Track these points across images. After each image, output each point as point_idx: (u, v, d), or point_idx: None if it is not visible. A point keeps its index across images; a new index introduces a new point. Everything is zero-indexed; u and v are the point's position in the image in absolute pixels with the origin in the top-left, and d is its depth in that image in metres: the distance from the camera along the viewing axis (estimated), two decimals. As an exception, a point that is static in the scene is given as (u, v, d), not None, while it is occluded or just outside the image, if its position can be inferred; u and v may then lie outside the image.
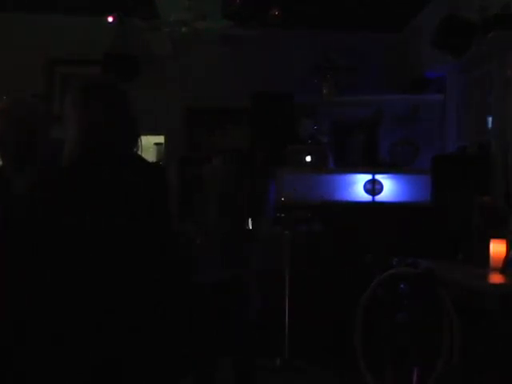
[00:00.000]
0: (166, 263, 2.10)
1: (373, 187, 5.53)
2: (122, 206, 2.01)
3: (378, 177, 5.56)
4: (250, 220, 5.96)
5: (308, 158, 6.02)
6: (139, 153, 2.19)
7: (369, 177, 5.56)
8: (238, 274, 3.92)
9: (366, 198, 5.54)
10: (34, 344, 1.96)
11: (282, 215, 5.41)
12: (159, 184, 2.14)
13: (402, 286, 3.60)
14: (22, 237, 1.98)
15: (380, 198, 5.54)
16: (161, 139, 6.95)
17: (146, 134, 3.35)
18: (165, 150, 6.87)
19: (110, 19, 5.91)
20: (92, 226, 1.96)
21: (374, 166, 5.89)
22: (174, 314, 2.13)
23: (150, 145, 7.06)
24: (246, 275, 4.04)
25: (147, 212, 2.04)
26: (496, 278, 3.34)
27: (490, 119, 5.08)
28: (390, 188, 5.56)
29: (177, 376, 3.29)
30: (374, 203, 5.52)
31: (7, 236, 2.05)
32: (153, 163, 2.27)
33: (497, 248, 3.46)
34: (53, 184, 2.05)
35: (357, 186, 5.56)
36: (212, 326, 3.91)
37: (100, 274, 1.96)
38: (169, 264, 2.12)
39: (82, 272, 1.95)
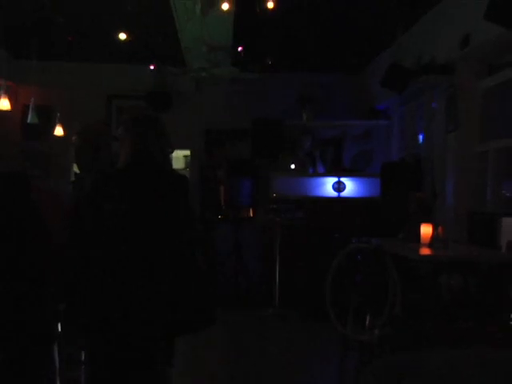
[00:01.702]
0: (185, 256, 2.02)
1: (339, 186, 5.53)
2: (152, 201, 2.01)
3: (343, 179, 5.55)
4: (251, 209, 6.03)
5: (292, 166, 6.09)
6: (171, 164, 2.22)
7: (335, 179, 5.57)
8: None
9: (334, 194, 5.55)
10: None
11: (274, 206, 5.46)
12: (182, 190, 2.11)
13: (358, 256, 3.65)
14: (84, 221, 2.01)
15: (344, 194, 5.53)
16: (187, 153, 7.03)
17: (177, 149, 3.38)
18: (190, 160, 6.91)
19: (152, 67, 5.98)
20: (128, 214, 1.97)
21: (339, 171, 5.94)
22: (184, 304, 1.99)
23: (180, 157, 7.27)
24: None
25: (171, 208, 2.03)
26: (425, 251, 3.31)
27: (420, 137, 5.11)
28: (351, 187, 5.56)
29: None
30: (339, 198, 5.52)
31: (76, 220, 2.08)
32: (178, 174, 2.27)
33: (426, 229, 3.42)
34: (103, 183, 2.06)
35: (327, 186, 5.56)
36: None
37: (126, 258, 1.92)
38: (188, 256, 2.03)
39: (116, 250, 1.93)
